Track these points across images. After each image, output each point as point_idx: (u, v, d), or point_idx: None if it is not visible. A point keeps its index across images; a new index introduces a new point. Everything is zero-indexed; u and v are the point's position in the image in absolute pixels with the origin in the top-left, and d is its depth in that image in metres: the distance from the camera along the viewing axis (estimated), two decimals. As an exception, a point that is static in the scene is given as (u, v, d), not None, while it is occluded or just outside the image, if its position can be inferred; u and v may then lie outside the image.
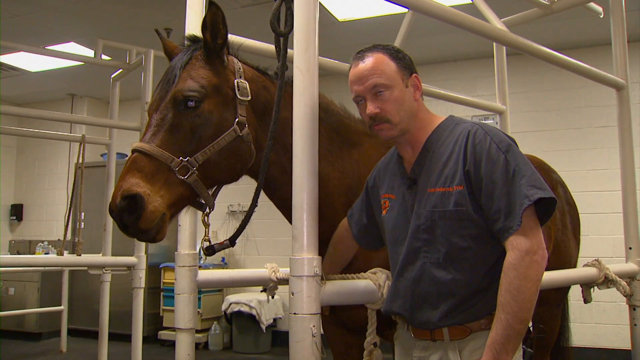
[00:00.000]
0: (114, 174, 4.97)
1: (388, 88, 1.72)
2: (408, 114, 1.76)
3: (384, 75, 1.72)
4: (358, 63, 1.77)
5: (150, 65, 4.71)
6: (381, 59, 1.74)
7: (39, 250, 8.10)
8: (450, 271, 1.66)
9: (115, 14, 6.00)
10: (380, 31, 6.32)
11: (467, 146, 1.67)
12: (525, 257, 1.55)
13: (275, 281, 1.91)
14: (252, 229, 7.75)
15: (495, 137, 1.67)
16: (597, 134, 6.47)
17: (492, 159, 1.62)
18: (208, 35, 1.84)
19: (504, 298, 1.55)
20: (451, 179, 1.67)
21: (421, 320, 1.72)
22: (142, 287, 4.63)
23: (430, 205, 1.69)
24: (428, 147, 1.78)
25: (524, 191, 1.57)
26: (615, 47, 3.15)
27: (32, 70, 7.82)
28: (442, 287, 1.67)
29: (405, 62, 1.78)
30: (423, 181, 1.75)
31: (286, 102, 1.80)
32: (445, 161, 1.71)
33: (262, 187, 1.89)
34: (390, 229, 1.85)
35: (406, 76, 1.77)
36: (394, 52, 1.78)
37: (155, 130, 1.77)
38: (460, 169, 1.66)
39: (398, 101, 1.73)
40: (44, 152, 9.60)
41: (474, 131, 1.69)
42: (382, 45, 1.81)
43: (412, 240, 1.73)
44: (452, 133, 1.76)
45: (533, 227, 1.59)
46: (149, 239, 1.71)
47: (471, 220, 1.64)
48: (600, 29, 5.70)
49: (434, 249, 1.69)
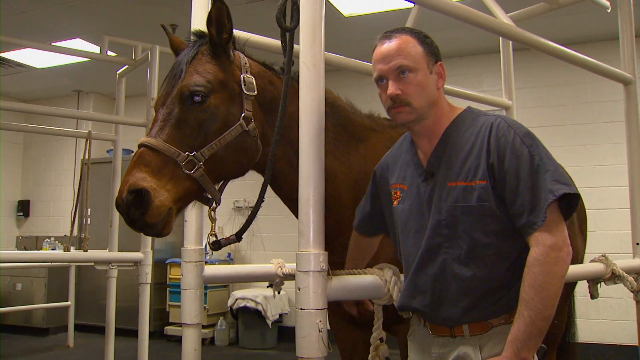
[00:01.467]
0: (120, 170, 4.98)
1: (412, 70, 1.69)
2: (429, 101, 1.73)
3: (409, 57, 1.69)
4: (384, 42, 1.75)
5: (156, 61, 4.72)
6: (408, 41, 1.72)
7: (46, 246, 8.14)
8: (472, 267, 1.64)
9: (121, 10, 6.01)
10: (386, 26, 6.24)
11: (490, 139, 1.64)
12: (550, 252, 1.52)
13: (282, 276, 1.91)
14: (258, 224, 7.75)
15: (518, 130, 1.64)
16: (604, 129, 6.44)
17: (516, 152, 1.60)
18: (213, 30, 1.84)
19: (527, 294, 1.52)
20: (474, 173, 1.64)
21: (442, 317, 1.69)
22: (148, 282, 4.64)
23: (452, 199, 1.66)
24: (446, 138, 1.75)
25: (548, 186, 1.54)
26: (622, 41, 3.13)
27: (38, 66, 7.84)
28: (463, 284, 1.64)
29: (432, 48, 1.76)
30: (442, 174, 1.71)
31: (292, 97, 1.79)
32: (467, 154, 1.67)
33: (268, 182, 1.89)
34: (403, 221, 1.82)
35: (431, 62, 1.74)
36: (422, 37, 1.76)
37: (161, 125, 1.77)
38: (484, 163, 1.63)
39: (421, 85, 1.70)
40: (50, 149, 9.63)
41: (497, 124, 1.66)
42: (410, 28, 1.79)
43: (432, 236, 1.70)
44: (472, 125, 1.73)
45: (558, 222, 1.56)
46: (155, 234, 1.71)
47: (494, 216, 1.62)
48: (608, 24, 5.67)
49: (455, 245, 1.66)
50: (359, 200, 2.19)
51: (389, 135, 2.36)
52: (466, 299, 1.64)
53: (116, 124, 5.28)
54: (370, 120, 2.35)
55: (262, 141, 1.92)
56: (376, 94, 1.81)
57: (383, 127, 2.37)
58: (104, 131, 6.28)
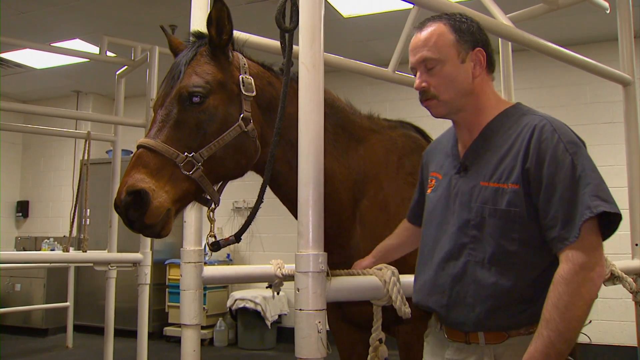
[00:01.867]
0: (119, 170, 4.98)
1: (438, 63, 1.64)
2: (461, 92, 1.66)
3: (434, 49, 1.64)
4: (415, 33, 1.71)
5: (156, 61, 4.71)
6: (438, 31, 1.66)
7: (45, 246, 8.13)
8: (494, 274, 1.56)
9: (120, 11, 6.01)
10: (385, 27, 6.30)
11: (530, 141, 1.54)
12: (579, 272, 1.43)
13: (281, 277, 1.91)
14: (257, 225, 7.75)
15: (564, 136, 1.53)
16: (604, 130, 6.44)
17: (556, 159, 1.50)
18: (213, 31, 1.84)
19: (550, 313, 1.43)
20: (507, 175, 1.56)
21: (456, 321, 1.63)
22: (147, 283, 4.64)
23: (482, 200, 1.59)
24: (486, 133, 1.68)
25: (587, 201, 1.44)
26: (621, 42, 3.13)
27: (37, 67, 7.83)
28: (483, 290, 1.57)
29: (468, 35, 1.67)
30: (475, 171, 1.65)
31: (292, 98, 1.79)
32: (505, 154, 1.60)
33: (267, 183, 1.89)
34: (429, 210, 1.79)
35: (465, 50, 1.66)
36: (457, 23, 1.68)
37: (160, 126, 1.77)
38: (519, 166, 1.54)
39: (448, 77, 1.64)
40: (50, 149, 9.62)
41: (542, 126, 1.56)
42: (449, 14, 1.72)
43: (459, 235, 1.63)
44: (516, 123, 1.64)
45: (593, 241, 1.46)
46: (154, 235, 1.71)
47: (523, 224, 1.54)
48: (607, 25, 5.67)
49: (480, 248, 1.59)
50: (358, 201, 2.19)
51: (388, 135, 2.36)
52: (483, 305, 1.57)
53: (115, 125, 5.27)
54: (369, 121, 2.35)
55: (260, 142, 1.92)
56: (375, 95, 1.81)
57: (382, 128, 2.37)
58: (103, 132, 6.27)
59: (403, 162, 2.33)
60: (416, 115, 2.55)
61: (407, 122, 2.54)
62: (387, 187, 2.25)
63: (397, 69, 3.12)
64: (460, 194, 1.66)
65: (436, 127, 7.47)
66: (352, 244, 2.18)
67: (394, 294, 1.81)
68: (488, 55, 1.70)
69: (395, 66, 3.11)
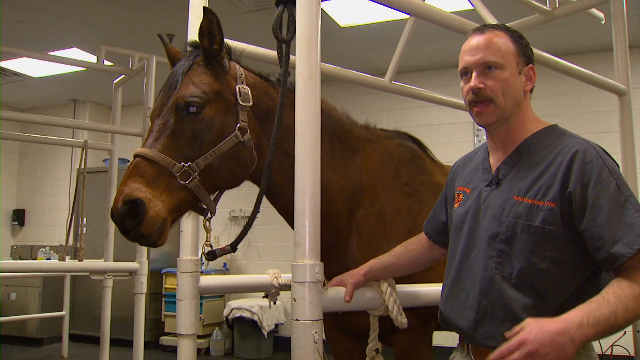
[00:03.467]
0: (116, 179, 4.97)
1: (499, 67, 1.64)
2: (514, 101, 1.66)
3: (498, 53, 1.65)
4: (475, 35, 1.71)
5: (153, 71, 4.73)
6: (500, 36, 1.68)
7: (41, 255, 8.10)
8: (521, 291, 1.54)
9: (117, 20, 6.02)
10: (382, 37, 6.33)
11: (572, 163, 1.54)
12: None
13: (277, 287, 1.91)
14: (253, 234, 7.74)
15: (607, 161, 1.55)
16: (599, 140, 6.27)
17: (602, 182, 1.50)
18: (205, 41, 1.84)
19: (624, 291, 1.40)
20: (544, 193, 1.55)
21: (485, 335, 1.59)
22: (143, 292, 4.63)
23: (514, 215, 1.58)
24: (523, 149, 1.68)
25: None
26: (616, 53, 3.15)
27: (34, 75, 7.84)
28: (510, 304, 1.55)
29: (525, 49, 1.70)
30: (509, 185, 1.64)
31: (288, 108, 1.80)
32: (542, 171, 1.59)
33: (264, 192, 1.89)
34: (458, 223, 1.76)
35: (522, 63, 1.68)
36: (517, 36, 1.71)
37: (157, 135, 1.77)
38: (557, 185, 1.53)
39: (507, 83, 1.64)
40: (46, 158, 9.61)
41: (585, 149, 1.56)
42: (505, 25, 1.75)
43: (487, 248, 1.61)
44: (555, 142, 1.64)
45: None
46: (150, 244, 1.71)
47: (556, 242, 1.52)
48: (602, 35, 5.70)
49: (508, 263, 1.57)
50: (354, 211, 2.19)
51: (385, 145, 2.36)
52: (512, 322, 1.50)
53: (112, 134, 5.28)
54: (366, 131, 2.35)
55: (257, 152, 1.92)
56: (372, 104, 1.82)
57: (379, 138, 2.38)
58: (100, 140, 6.26)
59: (399, 172, 2.33)
60: (412, 124, 2.57)
61: (404, 132, 2.55)
62: (384, 197, 2.25)
63: (394, 78, 3.13)
64: (491, 207, 1.65)
65: (432, 136, 7.55)
66: (349, 253, 2.18)
67: (390, 304, 1.81)
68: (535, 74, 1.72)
69: (392, 76, 3.12)
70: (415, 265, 2.00)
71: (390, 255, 1.95)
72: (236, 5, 5.58)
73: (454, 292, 1.72)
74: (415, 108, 7.43)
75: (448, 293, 1.75)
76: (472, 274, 1.66)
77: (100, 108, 9.51)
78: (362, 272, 1.83)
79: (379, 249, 2.11)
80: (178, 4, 5.35)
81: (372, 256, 2.00)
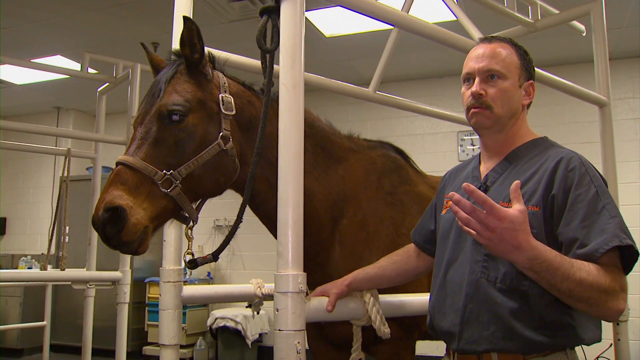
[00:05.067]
0: (99, 187, 4.92)
1: (502, 76, 1.69)
2: (511, 111, 1.72)
3: (502, 63, 1.70)
4: (482, 44, 1.77)
5: (137, 79, 4.70)
6: (506, 48, 1.73)
7: (22, 264, 8.00)
8: (506, 295, 1.56)
9: (102, 28, 6.00)
10: (366, 47, 6.36)
11: (557, 169, 1.59)
12: (617, 288, 1.44)
13: (261, 297, 1.90)
14: (238, 243, 7.72)
15: (590, 170, 1.59)
16: (581, 149, 6.31)
17: (582, 187, 1.54)
18: (187, 50, 1.85)
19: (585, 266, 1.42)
20: (528, 198, 1.58)
21: (470, 339, 1.61)
22: (126, 302, 4.58)
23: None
24: (512, 158, 1.73)
25: (614, 230, 1.46)
26: (597, 65, 3.19)
27: (17, 83, 7.78)
28: (496, 308, 1.57)
29: (528, 65, 1.76)
30: (496, 191, 1.68)
31: (271, 117, 1.80)
32: (528, 178, 1.63)
33: (247, 202, 1.89)
34: (445, 229, 1.80)
35: (524, 77, 1.74)
36: (522, 51, 1.77)
37: (139, 143, 1.77)
38: (541, 190, 1.57)
39: (507, 93, 1.70)
40: (29, 165, 9.51)
41: (570, 157, 1.61)
42: (512, 40, 1.80)
43: (473, 253, 1.65)
44: (542, 152, 1.69)
45: (619, 269, 1.48)
46: (131, 252, 1.71)
47: None
48: (583, 47, 5.78)
49: (494, 267, 1.60)
50: (337, 221, 2.19)
51: (368, 155, 2.37)
52: (498, 324, 1.56)
53: (96, 142, 5.23)
54: (349, 141, 2.36)
55: (240, 160, 1.92)
56: (356, 113, 1.82)
57: (362, 148, 2.39)
58: (83, 148, 6.21)
59: (382, 181, 2.34)
60: (397, 134, 2.57)
61: (387, 142, 2.56)
62: (367, 207, 2.26)
63: (378, 88, 3.15)
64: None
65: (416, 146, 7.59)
66: (331, 263, 2.18)
67: (373, 314, 1.82)
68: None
69: (376, 86, 3.14)
70: (400, 277, 2.01)
71: (375, 266, 1.96)
72: (221, 14, 5.58)
73: (441, 296, 1.74)
74: (399, 118, 7.46)
75: (435, 296, 1.77)
76: (459, 277, 1.68)
77: (84, 116, 9.45)
78: (346, 282, 1.83)
79: (362, 259, 2.12)
80: (163, 12, 5.35)
81: (355, 265, 2.01)
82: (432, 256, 1.94)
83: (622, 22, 5.88)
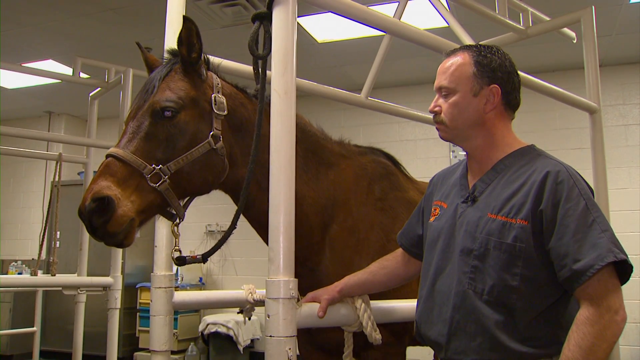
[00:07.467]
0: (90, 192, 4.90)
1: (451, 92, 1.73)
2: (467, 123, 1.72)
3: (450, 78, 1.73)
4: (443, 59, 1.81)
5: (129, 84, 4.69)
6: (459, 62, 1.74)
7: (12, 269, 7.95)
8: (492, 307, 1.56)
9: (94, 32, 5.99)
10: (359, 53, 6.38)
11: (545, 182, 1.57)
12: (605, 314, 1.44)
13: (252, 303, 1.90)
14: (229, 249, 7.70)
15: (579, 182, 1.59)
16: (572, 156, 6.57)
17: (571, 201, 1.53)
18: (184, 49, 1.86)
19: (572, 353, 1.43)
20: (516, 211, 1.58)
21: (457, 350, 1.61)
22: (117, 307, 4.55)
23: (487, 232, 1.60)
24: (499, 168, 1.72)
25: (607, 245, 1.47)
26: (587, 71, 3.22)
27: (9, 87, 7.74)
28: (482, 319, 1.57)
29: (487, 70, 1.71)
30: (484, 202, 1.67)
31: (263, 120, 1.81)
32: (516, 190, 1.62)
33: (242, 210, 1.89)
34: (432, 238, 1.80)
35: (480, 85, 1.71)
36: (481, 57, 1.73)
37: (130, 137, 1.79)
38: (530, 203, 1.56)
39: (457, 107, 1.72)
40: (20, 170, 9.46)
41: (557, 170, 1.60)
42: (477, 46, 1.80)
43: (461, 264, 1.64)
44: (530, 163, 1.68)
45: (616, 284, 1.48)
46: (116, 243, 1.71)
47: (527, 260, 1.55)
48: (574, 54, 5.82)
49: (481, 279, 1.59)
50: (327, 226, 2.19)
51: (358, 161, 2.38)
52: (485, 335, 1.56)
53: (87, 147, 5.22)
54: (340, 147, 2.37)
55: (229, 161, 1.93)
56: (348, 119, 1.83)
57: (352, 154, 2.39)
58: (75, 153, 6.19)
59: (372, 187, 2.35)
60: (389, 140, 2.58)
61: (377, 148, 2.56)
62: (357, 213, 2.26)
63: (370, 94, 3.15)
64: (466, 223, 1.68)
65: (408, 152, 7.61)
66: (322, 268, 2.18)
67: (364, 320, 1.82)
68: (507, 93, 1.74)
69: (368, 92, 3.15)
70: (391, 282, 2.01)
71: (366, 272, 1.96)
72: (213, 19, 5.59)
73: (428, 305, 1.74)
74: (391, 123, 7.48)
75: (422, 306, 1.77)
76: (446, 288, 1.68)
77: (75, 120, 9.42)
78: (337, 288, 1.84)
79: (352, 264, 2.12)
80: (155, 17, 5.35)
81: (345, 271, 2.01)
82: (420, 260, 1.94)
83: (612, 30, 5.93)
